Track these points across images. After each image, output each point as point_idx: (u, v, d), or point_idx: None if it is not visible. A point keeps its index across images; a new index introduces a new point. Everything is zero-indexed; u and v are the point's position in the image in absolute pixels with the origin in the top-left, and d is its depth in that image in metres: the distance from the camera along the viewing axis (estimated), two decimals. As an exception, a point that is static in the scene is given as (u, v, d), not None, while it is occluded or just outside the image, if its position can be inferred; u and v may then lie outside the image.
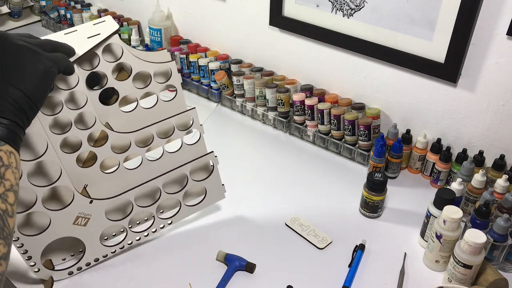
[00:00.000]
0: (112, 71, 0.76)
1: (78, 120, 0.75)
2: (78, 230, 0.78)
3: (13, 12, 1.70)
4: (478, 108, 0.97)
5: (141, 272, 0.83)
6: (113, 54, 0.76)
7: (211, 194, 0.91)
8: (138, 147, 0.80)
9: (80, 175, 0.77)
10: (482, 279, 0.79)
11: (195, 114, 0.84)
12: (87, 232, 0.79)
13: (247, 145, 1.18)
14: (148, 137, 0.81)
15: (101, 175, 0.79)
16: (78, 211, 0.76)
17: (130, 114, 0.81)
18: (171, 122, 0.82)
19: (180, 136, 0.84)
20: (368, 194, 0.93)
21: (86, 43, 0.71)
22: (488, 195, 0.86)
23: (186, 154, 0.85)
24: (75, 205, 0.75)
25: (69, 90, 0.71)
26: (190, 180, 0.86)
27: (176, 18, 1.45)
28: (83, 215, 0.77)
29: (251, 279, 0.83)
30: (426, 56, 0.97)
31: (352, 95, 1.15)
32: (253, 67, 1.29)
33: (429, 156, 1.05)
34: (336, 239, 0.91)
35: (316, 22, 1.11)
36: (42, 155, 0.69)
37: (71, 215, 0.76)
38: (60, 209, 0.75)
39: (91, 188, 0.80)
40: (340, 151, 1.14)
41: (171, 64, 0.81)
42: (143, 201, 0.84)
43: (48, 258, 0.81)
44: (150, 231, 0.87)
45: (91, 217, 0.78)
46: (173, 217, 0.88)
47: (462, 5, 0.88)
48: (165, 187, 0.84)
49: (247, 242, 0.90)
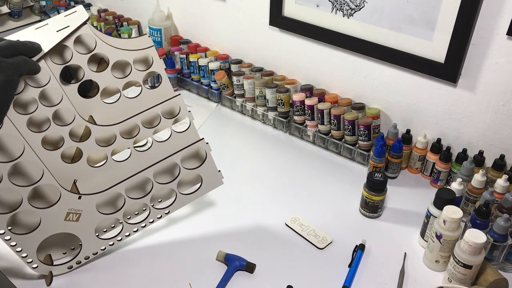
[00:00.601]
0: (89, 62, 0.73)
1: (56, 116, 0.73)
2: (71, 226, 0.78)
3: (13, 12, 1.70)
4: (478, 108, 0.97)
5: (141, 272, 0.83)
6: (86, 45, 0.74)
7: (207, 182, 0.88)
8: (124, 139, 0.78)
9: (68, 171, 0.77)
10: (482, 279, 0.79)
11: (181, 100, 0.81)
12: (81, 227, 0.79)
13: (247, 145, 1.18)
14: (133, 127, 0.80)
15: (90, 170, 0.78)
16: (67, 207, 0.76)
17: (114, 105, 0.79)
18: (156, 111, 0.79)
19: (168, 125, 0.82)
20: (368, 194, 0.93)
21: (55, 37, 0.68)
22: (488, 195, 0.86)
23: (177, 142, 0.83)
24: (64, 202, 0.75)
25: (41, 88, 0.69)
26: (182, 169, 0.84)
27: (176, 18, 1.45)
28: (73, 211, 0.77)
29: (251, 279, 0.83)
30: (426, 56, 0.97)
31: (352, 95, 1.15)
32: (253, 67, 1.29)
33: (429, 156, 1.05)
34: (336, 239, 0.91)
35: (316, 22, 1.11)
36: (20, 156, 0.69)
37: (61, 212, 0.76)
38: (48, 207, 0.74)
39: (81, 183, 0.79)
40: (340, 151, 1.14)
41: (151, 51, 0.77)
42: (136, 193, 0.83)
43: (48, 254, 0.82)
44: (148, 221, 0.86)
45: (82, 212, 0.77)
46: (170, 206, 0.87)
47: (462, 5, 0.88)
48: (157, 177, 0.83)
49: (247, 242, 0.90)
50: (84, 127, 0.77)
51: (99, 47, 0.73)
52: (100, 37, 0.73)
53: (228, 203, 0.98)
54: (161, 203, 0.88)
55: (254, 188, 1.03)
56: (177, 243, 0.89)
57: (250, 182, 1.05)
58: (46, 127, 0.72)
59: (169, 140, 0.82)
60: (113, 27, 1.53)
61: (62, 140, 0.74)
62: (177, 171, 0.84)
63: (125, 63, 0.77)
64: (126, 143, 0.79)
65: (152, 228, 0.91)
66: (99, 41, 0.73)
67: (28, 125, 0.70)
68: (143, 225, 0.86)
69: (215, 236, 0.91)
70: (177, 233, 0.92)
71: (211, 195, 1.00)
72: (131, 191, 0.82)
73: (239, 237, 0.91)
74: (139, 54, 0.77)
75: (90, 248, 0.82)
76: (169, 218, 0.94)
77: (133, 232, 0.86)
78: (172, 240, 0.90)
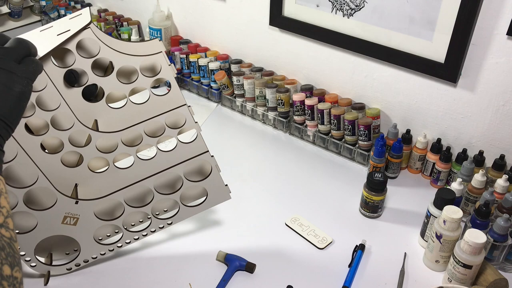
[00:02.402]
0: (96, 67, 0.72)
1: (55, 121, 0.72)
2: (69, 229, 0.78)
3: (13, 12, 1.70)
4: (478, 108, 0.97)
5: (141, 272, 0.83)
6: (89, 49, 0.72)
7: (213, 195, 0.86)
8: (127, 147, 0.77)
9: (68, 176, 0.76)
10: (482, 279, 0.79)
11: (187, 111, 0.77)
12: (79, 231, 0.79)
13: (247, 145, 1.18)
14: (137, 136, 0.78)
15: (91, 175, 0.78)
16: (64, 211, 0.76)
17: (120, 111, 0.77)
18: (161, 121, 0.76)
19: (173, 135, 0.78)
20: (368, 194, 0.93)
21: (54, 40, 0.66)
22: (488, 195, 0.86)
23: (182, 153, 0.80)
24: (60, 206, 0.75)
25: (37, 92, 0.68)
26: (185, 181, 0.82)
27: (176, 18, 1.45)
28: (70, 215, 0.77)
29: (251, 279, 0.83)
30: (426, 56, 0.97)
31: (352, 95, 1.15)
32: (253, 67, 1.29)
33: (429, 156, 1.05)
34: (336, 239, 0.91)
35: (316, 22, 1.11)
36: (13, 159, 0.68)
37: (58, 215, 0.76)
38: (44, 210, 0.74)
39: (82, 187, 0.79)
40: (340, 151, 1.14)
41: (159, 57, 0.73)
42: (138, 202, 0.83)
43: (50, 253, 0.82)
44: (149, 230, 0.85)
45: (79, 217, 0.77)
46: (173, 217, 0.85)
47: (462, 5, 0.88)
48: (159, 188, 0.82)
49: (247, 242, 0.90)
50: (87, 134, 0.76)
51: (103, 52, 0.70)
52: (105, 41, 0.70)
53: (228, 203, 0.98)
54: (164, 213, 0.86)
55: (254, 188, 1.04)
56: (177, 243, 0.89)
57: (250, 182, 1.05)
58: (44, 132, 0.71)
59: (175, 150, 0.79)
60: (113, 27, 1.53)
61: (62, 145, 0.73)
62: (180, 182, 0.83)
63: (132, 68, 0.75)
64: (129, 151, 0.77)
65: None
66: (104, 46, 0.70)
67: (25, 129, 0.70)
68: (144, 234, 0.85)
69: (215, 236, 0.91)
70: (177, 233, 0.92)
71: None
72: (132, 200, 0.82)
73: (239, 237, 0.91)
74: (147, 59, 0.73)
75: (89, 252, 0.82)
76: (169, 218, 0.94)
77: (133, 239, 0.85)
78: (172, 240, 0.90)
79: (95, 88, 0.76)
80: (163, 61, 0.74)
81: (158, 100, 0.77)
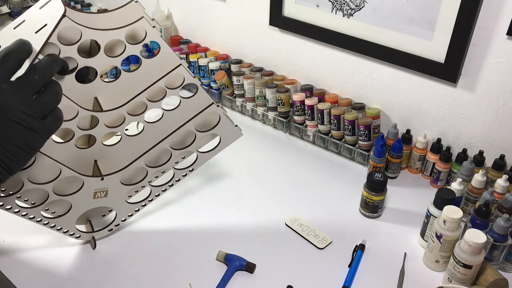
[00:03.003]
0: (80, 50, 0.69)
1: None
2: (101, 201, 0.82)
3: (13, 12, 1.70)
4: (478, 108, 0.97)
5: (141, 272, 0.83)
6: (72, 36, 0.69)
7: (225, 138, 0.88)
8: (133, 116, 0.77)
9: (86, 155, 0.80)
10: (482, 279, 0.79)
11: (184, 70, 0.78)
12: (111, 199, 0.83)
13: (247, 145, 1.18)
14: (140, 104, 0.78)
15: (107, 149, 0.81)
16: (93, 188, 0.79)
17: (117, 83, 0.77)
18: (160, 85, 0.77)
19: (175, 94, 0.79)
20: (368, 194, 0.93)
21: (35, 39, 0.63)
22: (488, 195, 0.86)
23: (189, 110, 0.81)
24: (88, 186, 0.78)
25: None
26: (198, 133, 0.84)
27: (176, 18, 1.45)
28: (100, 190, 0.81)
29: (251, 279, 0.83)
30: (426, 56, 0.97)
31: (352, 95, 1.15)
32: (253, 67, 1.29)
33: (429, 156, 1.05)
34: (336, 239, 0.91)
35: (316, 22, 1.11)
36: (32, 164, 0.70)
37: (88, 193, 0.80)
38: (73, 193, 0.78)
39: (102, 161, 0.82)
40: (340, 151, 1.14)
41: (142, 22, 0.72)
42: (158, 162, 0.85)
43: (88, 220, 0.89)
44: (174, 180, 0.88)
45: (108, 189, 0.81)
46: (193, 164, 0.88)
47: (462, 5, 0.88)
48: (174, 145, 0.84)
49: (247, 242, 0.90)
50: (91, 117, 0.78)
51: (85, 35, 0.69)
52: (85, 23, 0.68)
53: (228, 203, 0.98)
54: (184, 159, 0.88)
55: (254, 188, 1.03)
56: (177, 243, 0.89)
57: (250, 182, 1.05)
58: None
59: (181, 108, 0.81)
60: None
61: (72, 133, 0.75)
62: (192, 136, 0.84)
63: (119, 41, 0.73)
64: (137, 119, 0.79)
65: (153, 228, 0.92)
66: (84, 29, 0.68)
67: None
68: (170, 184, 0.88)
69: (215, 236, 0.91)
70: (177, 233, 0.92)
71: (211, 194, 1.00)
72: (152, 161, 0.84)
73: (239, 237, 0.91)
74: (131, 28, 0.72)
75: (123, 213, 0.89)
76: (169, 218, 0.94)
77: (161, 191, 0.89)
78: (172, 240, 0.90)
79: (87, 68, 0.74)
80: (146, 25, 0.73)
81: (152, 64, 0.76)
